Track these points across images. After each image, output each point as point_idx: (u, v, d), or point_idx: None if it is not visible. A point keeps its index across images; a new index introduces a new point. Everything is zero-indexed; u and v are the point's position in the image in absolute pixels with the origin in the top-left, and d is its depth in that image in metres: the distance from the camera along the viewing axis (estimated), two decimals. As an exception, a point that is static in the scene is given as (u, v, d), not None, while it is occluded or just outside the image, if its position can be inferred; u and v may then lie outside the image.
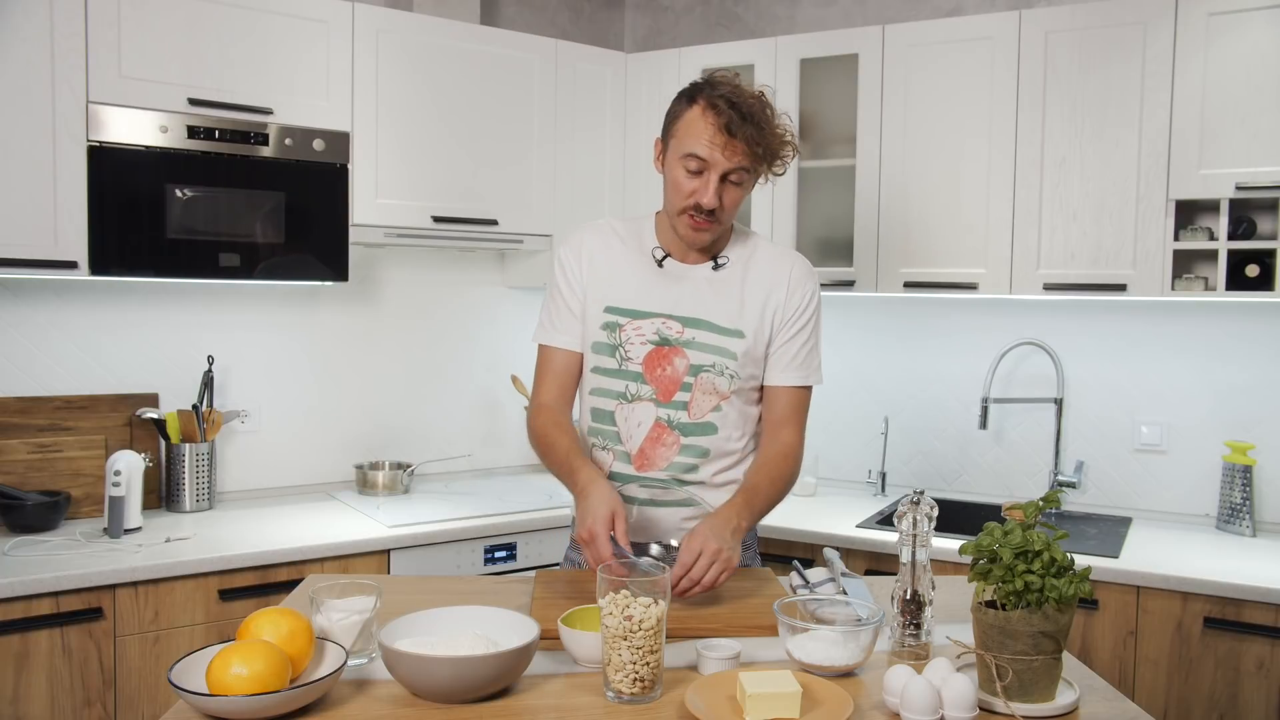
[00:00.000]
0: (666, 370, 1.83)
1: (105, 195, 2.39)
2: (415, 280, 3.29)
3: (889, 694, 1.35)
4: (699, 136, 1.74)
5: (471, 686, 1.35)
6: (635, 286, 1.86)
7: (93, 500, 2.63)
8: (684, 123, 1.77)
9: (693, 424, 1.84)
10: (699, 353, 1.83)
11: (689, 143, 1.75)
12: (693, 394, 1.83)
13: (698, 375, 1.83)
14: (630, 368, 1.84)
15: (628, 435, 1.86)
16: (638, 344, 1.84)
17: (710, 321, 1.84)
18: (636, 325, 1.84)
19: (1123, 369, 2.98)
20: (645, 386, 1.84)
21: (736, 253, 1.89)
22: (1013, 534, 1.38)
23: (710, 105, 1.73)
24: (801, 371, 1.90)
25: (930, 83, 2.88)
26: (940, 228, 2.89)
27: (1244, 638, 2.27)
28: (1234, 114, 2.51)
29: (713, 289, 1.85)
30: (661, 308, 1.84)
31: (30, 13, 2.29)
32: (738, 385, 1.85)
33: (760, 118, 1.75)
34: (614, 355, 1.85)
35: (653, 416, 1.84)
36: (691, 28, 3.70)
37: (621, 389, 1.85)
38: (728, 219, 1.82)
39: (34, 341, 2.64)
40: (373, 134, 2.78)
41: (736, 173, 1.76)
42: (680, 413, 1.83)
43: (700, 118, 1.74)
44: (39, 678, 2.14)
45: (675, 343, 1.83)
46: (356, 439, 3.17)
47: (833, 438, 3.39)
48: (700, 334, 1.83)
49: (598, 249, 1.90)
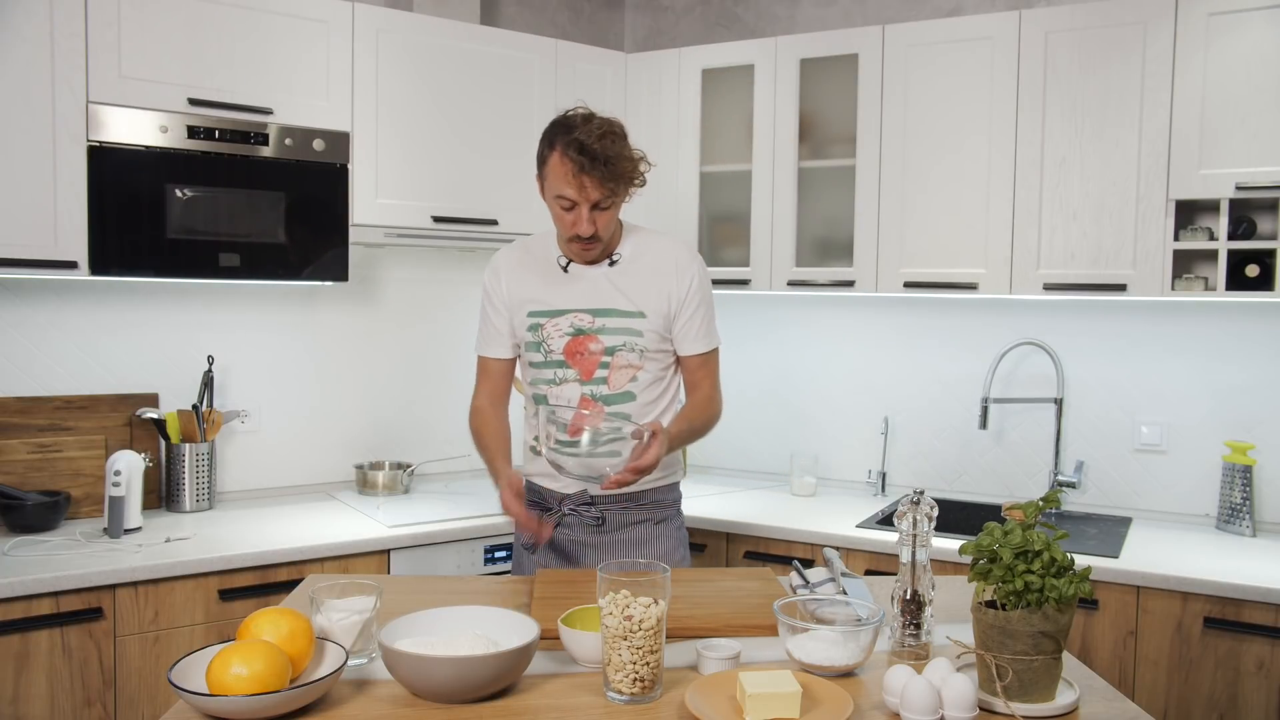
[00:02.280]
0: (585, 355, 2.12)
1: (105, 195, 2.39)
2: (415, 280, 3.29)
3: (889, 694, 1.35)
4: (562, 180, 1.99)
5: (471, 686, 1.35)
6: (547, 291, 2.14)
7: (93, 500, 2.64)
8: (549, 168, 2.02)
9: (613, 394, 2.13)
10: (611, 336, 2.11)
11: (556, 185, 2.00)
12: (610, 370, 2.12)
13: (613, 354, 2.12)
14: (554, 358, 2.14)
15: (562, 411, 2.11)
16: (556, 337, 2.13)
17: (615, 309, 2.12)
18: (554, 322, 2.13)
19: (1123, 369, 2.98)
20: (569, 370, 2.13)
21: (627, 249, 2.16)
22: (1013, 534, 1.38)
23: (564, 152, 1.97)
24: (704, 340, 2.19)
25: (930, 83, 2.88)
26: (940, 228, 2.89)
27: (1244, 638, 2.27)
28: (1234, 114, 2.51)
29: (612, 282, 2.13)
30: (572, 304, 2.12)
31: (30, 13, 2.29)
32: (648, 358, 2.14)
33: (609, 154, 1.97)
34: (540, 350, 2.15)
35: (578, 393, 2.12)
36: (691, 28, 3.70)
37: (550, 375, 2.15)
38: (607, 234, 2.08)
39: (34, 341, 2.64)
40: (373, 134, 2.78)
41: (601, 202, 2.01)
42: (601, 386, 2.12)
43: (560, 163, 1.99)
44: (39, 678, 2.14)
45: (588, 331, 2.12)
46: (356, 439, 3.17)
47: (833, 438, 3.39)
48: (609, 321, 2.11)
49: (513, 267, 2.19)
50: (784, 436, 3.44)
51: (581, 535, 2.15)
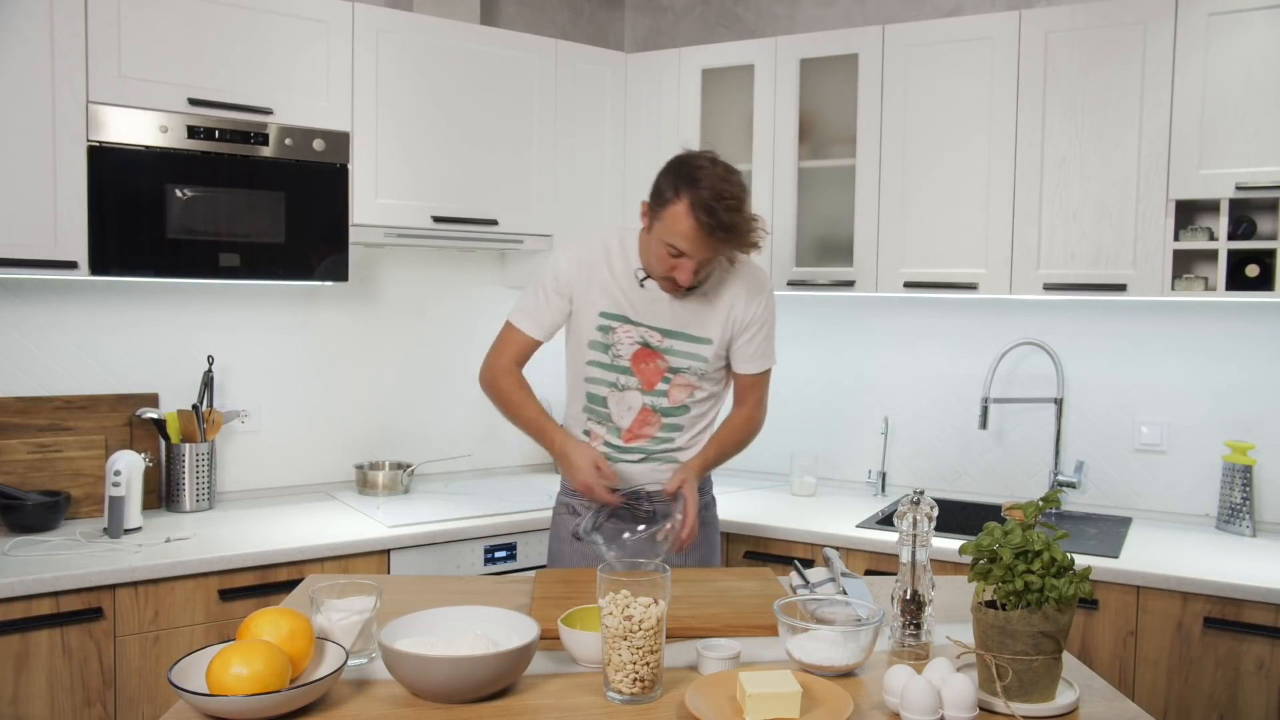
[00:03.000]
0: (648, 367, 2.18)
1: (105, 195, 2.39)
2: (415, 280, 3.29)
3: (889, 694, 1.35)
4: (682, 234, 1.97)
5: (471, 686, 1.35)
6: (623, 299, 2.16)
7: (93, 500, 2.64)
8: (670, 214, 1.99)
9: (671, 408, 2.21)
10: (676, 358, 2.18)
11: (672, 235, 1.99)
12: (671, 386, 2.19)
13: (676, 374, 2.18)
14: (620, 363, 2.18)
15: (619, 415, 2.21)
16: (626, 344, 2.17)
17: (684, 333, 2.17)
18: (626, 330, 2.17)
19: (1123, 369, 2.98)
20: (633, 378, 2.18)
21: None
22: (1013, 534, 1.38)
23: (692, 209, 1.95)
24: (759, 361, 2.25)
25: (930, 83, 2.88)
26: (940, 227, 2.89)
27: (1244, 638, 2.27)
28: (1234, 114, 2.51)
29: (685, 305, 2.16)
30: (644, 319, 2.16)
31: (30, 13, 2.29)
32: (705, 379, 2.21)
33: (735, 224, 1.97)
34: (607, 352, 2.18)
35: (640, 402, 2.19)
36: (691, 28, 3.70)
37: (613, 380, 2.19)
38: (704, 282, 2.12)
39: (34, 341, 2.64)
40: (373, 134, 2.78)
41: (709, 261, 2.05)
42: (661, 399, 2.20)
43: (685, 216, 1.96)
44: (39, 678, 2.14)
45: (656, 348, 2.17)
46: (356, 439, 3.17)
47: (833, 438, 3.39)
48: (676, 343, 2.17)
49: (596, 263, 2.18)
50: (784, 436, 3.43)
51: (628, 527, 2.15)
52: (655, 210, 2.04)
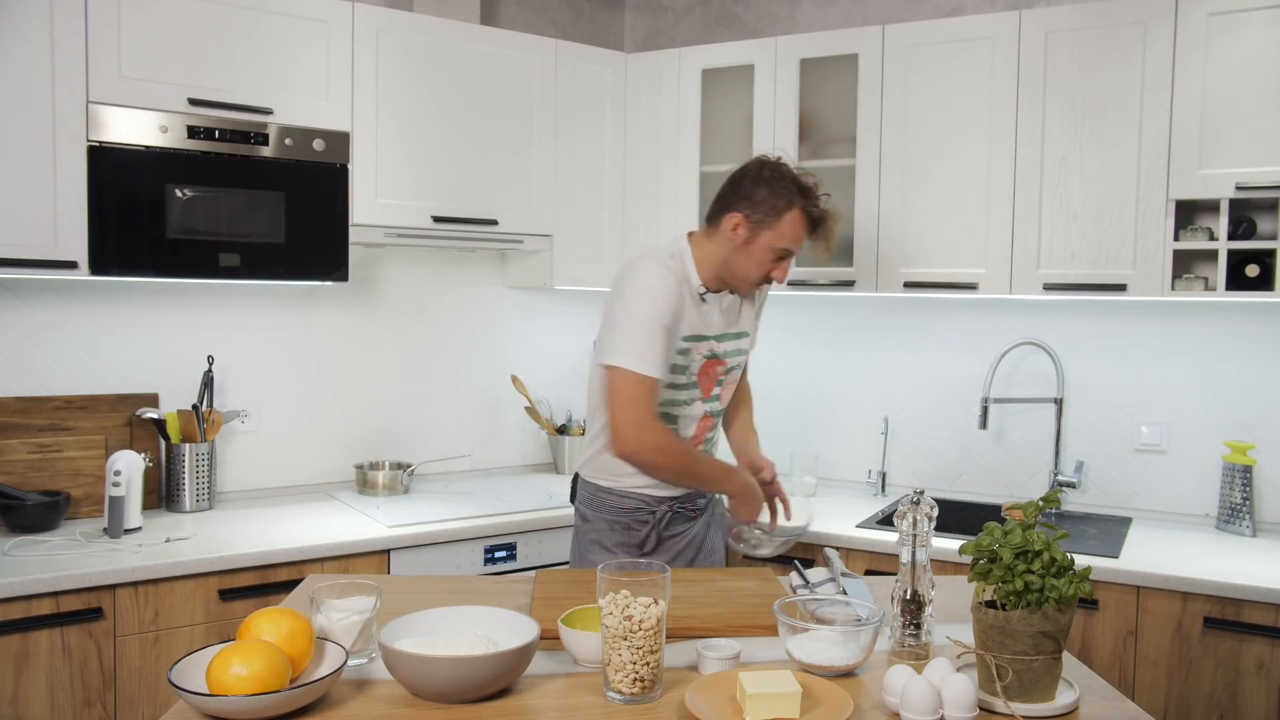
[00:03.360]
0: (709, 375, 2.26)
1: (105, 195, 2.39)
2: (415, 280, 3.29)
3: (889, 694, 1.35)
4: (793, 238, 2.15)
5: (471, 686, 1.35)
6: (695, 319, 2.20)
7: (93, 500, 2.64)
8: (786, 222, 2.13)
9: (721, 408, 2.34)
10: (732, 357, 2.29)
11: (785, 239, 2.14)
12: (723, 387, 2.30)
13: (729, 373, 2.30)
14: (691, 379, 2.24)
15: (685, 427, 2.26)
16: (697, 360, 2.23)
17: (730, 332, 2.28)
18: (698, 347, 2.22)
19: (1123, 369, 2.98)
20: (696, 390, 2.25)
21: None
22: (1013, 534, 1.38)
23: (805, 214, 2.15)
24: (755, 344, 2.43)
25: (930, 83, 2.88)
26: (940, 228, 2.89)
27: (1244, 638, 2.27)
28: (1234, 114, 2.51)
29: (730, 308, 2.28)
30: (709, 330, 2.24)
31: (30, 13, 2.29)
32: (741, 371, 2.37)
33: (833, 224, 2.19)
34: (685, 373, 2.22)
35: (702, 410, 2.27)
36: (691, 28, 3.70)
37: (685, 397, 2.24)
38: None
39: (34, 341, 2.64)
40: (373, 134, 2.78)
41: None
42: (716, 403, 2.30)
43: (799, 223, 2.15)
44: (39, 678, 2.14)
45: (718, 355, 2.26)
46: (356, 439, 3.17)
47: (833, 438, 3.39)
48: (729, 344, 2.28)
49: (677, 292, 2.15)
50: (784, 436, 3.43)
51: (678, 527, 2.28)
52: (763, 220, 2.13)
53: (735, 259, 2.16)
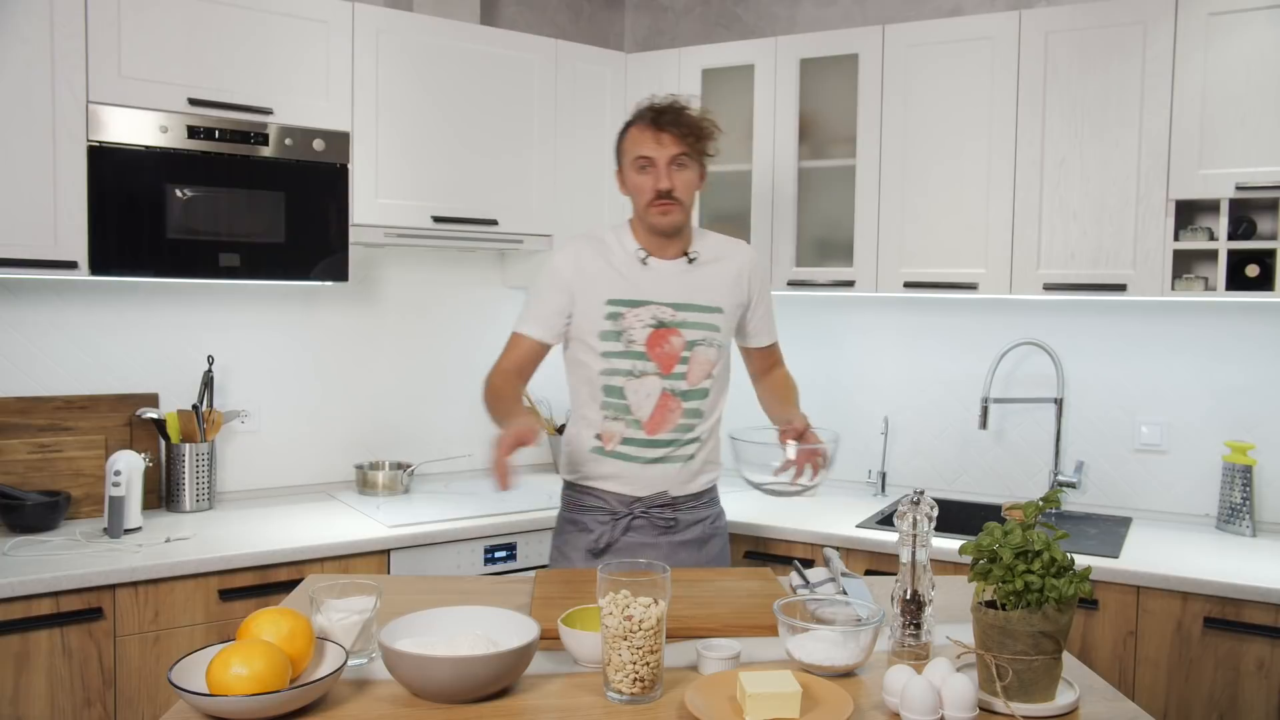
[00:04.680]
0: (665, 348, 2.16)
1: (105, 195, 2.39)
2: (415, 280, 3.29)
3: (889, 694, 1.35)
4: (639, 142, 2.14)
5: (471, 686, 1.35)
6: (628, 282, 2.17)
7: (93, 500, 2.63)
8: (628, 139, 2.18)
9: (691, 390, 2.19)
10: (692, 330, 2.17)
11: (635, 148, 2.15)
12: (690, 366, 2.18)
13: (693, 349, 2.17)
14: (634, 348, 2.15)
15: (638, 405, 2.16)
16: (639, 328, 2.15)
17: (695, 304, 2.18)
18: (635, 312, 2.15)
19: (1123, 369, 2.98)
20: (649, 363, 2.15)
21: (701, 247, 2.25)
22: (1013, 534, 1.38)
23: (639, 117, 2.17)
24: (772, 333, 2.39)
25: (930, 83, 2.88)
26: (940, 228, 2.89)
27: (1244, 638, 2.27)
28: (1234, 114, 2.51)
29: (691, 277, 2.20)
30: (653, 296, 2.16)
31: (30, 13, 2.29)
32: (721, 354, 2.23)
33: (677, 110, 2.14)
34: (620, 340, 2.15)
35: (659, 388, 2.16)
36: (691, 28, 3.70)
37: (629, 367, 2.15)
38: (687, 200, 2.17)
39: (34, 341, 2.64)
40: (373, 134, 2.78)
41: (680, 157, 2.13)
42: (680, 382, 2.17)
43: (638, 130, 2.16)
44: (39, 678, 2.14)
45: (670, 323, 2.16)
46: (356, 439, 3.17)
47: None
48: (690, 315, 2.17)
49: (592, 256, 2.20)
50: (784, 436, 3.43)
51: (648, 538, 2.17)
52: (620, 151, 2.20)
53: (634, 202, 2.19)
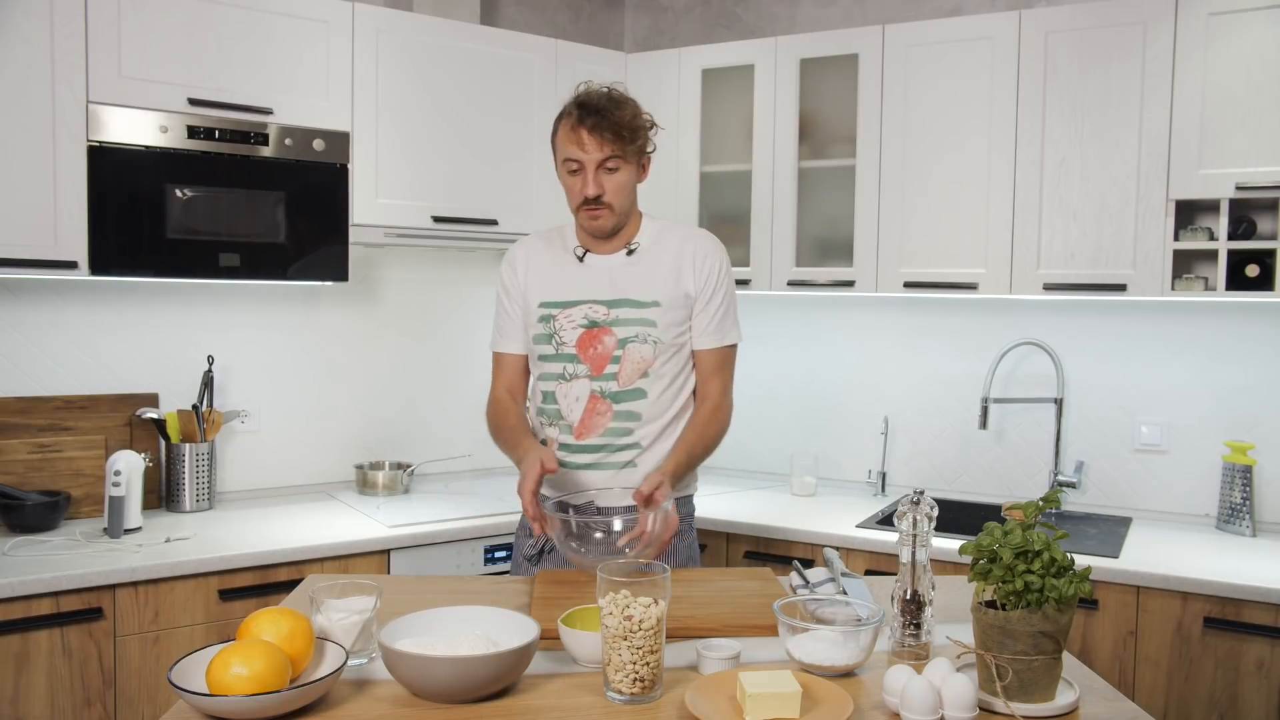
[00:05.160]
0: (598, 349, 2.06)
1: (105, 195, 2.39)
2: (415, 280, 3.29)
3: (889, 694, 1.35)
4: (567, 141, 2.02)
5: (471, 686, 1.35)
6: (561, 281, 2.10)
7: (93, 500, 2.63)
8: (558, 138, 2.06)
9: (623, 391, 2.05)
10: (624, 327, 2.05)
11: (563, 151, 2.04)
12: (621, 365, 2.05)
13: (625, 347, 2.05)
14: (565, 350, 2.07)
15: (568, 410, 2.07)
16: (569, 329, 2.07)
17: (629, 299, 2.06)
18: (567, 313, 2.07)
19: (1123, 369, 2.98)
20: (580, 365, 2.06)
21: (646, 238, 2.12)
22: (1013, 534, 1.38)
23: (567, 115, 2.03)
24: (717, 334, 2.12)
25: (930, 83, 2.88)
26: (940, 228, 2.89)
27: (1244, 638, 2.27)
28: (1234, 114, 2.51)
29: (629, 271, 2.09)
30: (586, 295, 2.07)
31: (30, 13, 2.29)
32: (661, 350, 2.06)
33: (604, 107, 2.01)
34: (551, 342, 2.08)
35: (588, 390, 2.06)
36: (691, 28, 3.70)
37: (559, 370, 2.08)
38: (619, 204, 2.04)
39: (34, 341, 2.64)
40: (373, 134, 2.78)
41: (610, 160, 2.00)
42: (610, 383, 2.05)
43: (563, 126, 2.04)
44: (39, 678, 2.14)
45: (603, 323, 2.06)
46: (356, 439, 3.17)
47: (833, 438, 3.39)
48: (623, 311, 2.05)
49: (528, 257, 2.15)
50: (784, 436, 3.44)
51: None
52: (553, 149, 2.08)
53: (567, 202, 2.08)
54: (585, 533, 1.89)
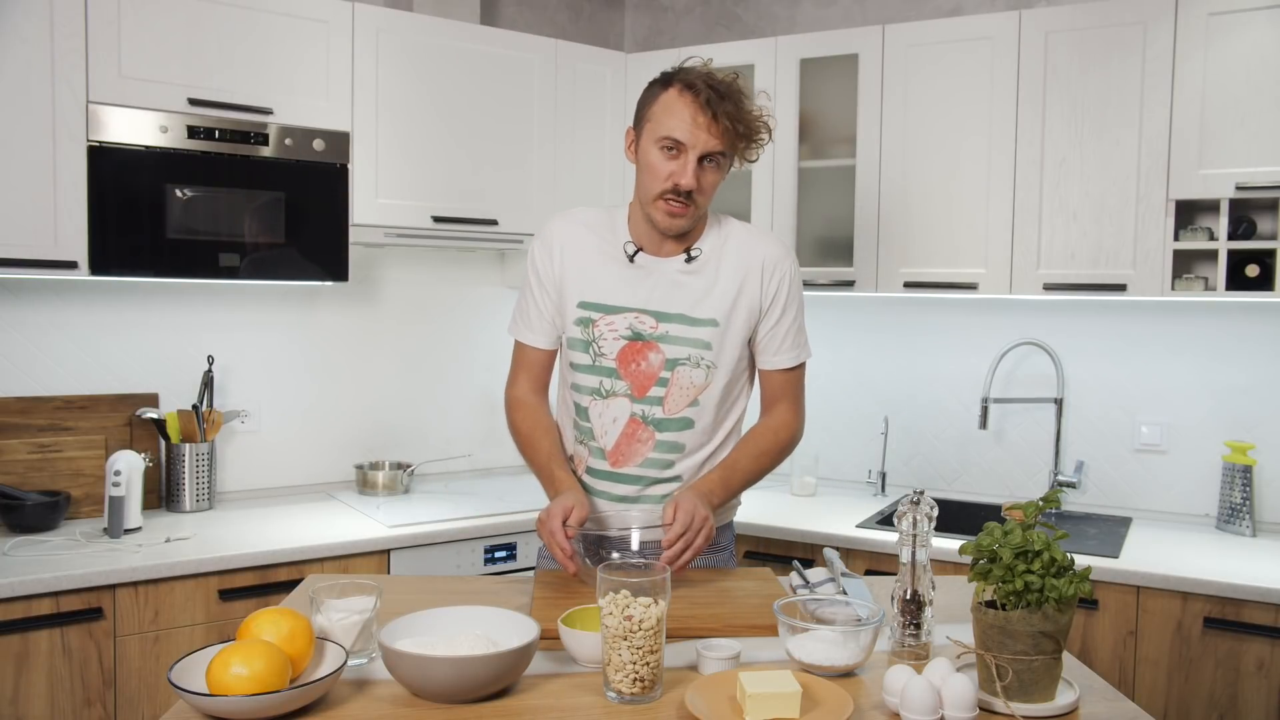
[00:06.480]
0: (641, 365, 1.81)
1: (105, 195, 2.39)
2: (415, 280, 3.29)
3: (889, 694, 1.35)
4: (677, 117, 1.72)
5: (471, 686, 1.35)
6: (607, 281, 1.83)
7: (93, 500, 2.63)
8: (660, 105, 1.75)
9: (668, 419, 1.82)
10: (674, 346, 1.81)
11: (666, 125, 1.73)
12: (669, 389, 1.81)
13: (674, 369, 1.81)
14: (604, 363, 1.83)
15: (602, 431, 1.85)
16: (610, 339, 1.82)
17: (683, 314, 1.81)
18: (609, 320, 1.82)
19: (1123, 369, 2.98)
20: (620, 382, 1.82)
21: (710, 242, 1.85)
22: (1013, 534, 1.38)
23: (687, 86, 1.72)
24: (792, 353, 1.90)
25: (930, 83, 2.88)
26: (940, 228, 2.89)
27: (1244, 638, 2.27)
28: (1234, 114, 2.51)
29: (686, 280, 1.83)
30: (634, 303, 1.82)
31: (30, 13, 2.29)
32: (714, 376, 1.83)
33: (737, 96, 1.73)
34: (588, 351, 1.84)
35: (627, 412, 1.83)
36: (691, 28, 3.70)
37: (596, 384, 1.84)
38: (705, 203, 1.79)
39: (34, 341, 2.64)
40: (373, 134, 2.78)
41: (714, 156, 1.74)
42: (655, 408, 1.82)
43: (677, 99, 1.73)
44: (39, 678, 2.14)
45: (649, 337, 1.81)
46: (356, 439, 3.17)
47: (833, 438, 3.39)
48: (674, 327, 1.81)
49: (569, 243, 1.87)
50: (784, 436, 3.43)
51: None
52: (642, 116, 1.78)
53: (639, 181, 1.79)
54: None
